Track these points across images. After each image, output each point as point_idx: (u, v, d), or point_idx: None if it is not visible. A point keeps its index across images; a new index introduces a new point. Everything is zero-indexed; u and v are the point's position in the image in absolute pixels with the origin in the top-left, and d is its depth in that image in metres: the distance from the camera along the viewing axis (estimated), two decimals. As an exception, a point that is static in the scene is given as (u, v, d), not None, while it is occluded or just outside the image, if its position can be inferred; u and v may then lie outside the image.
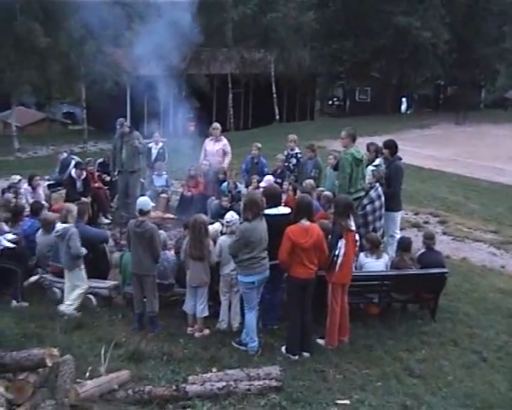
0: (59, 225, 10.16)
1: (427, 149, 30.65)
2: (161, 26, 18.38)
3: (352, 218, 9.23)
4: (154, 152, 16.75)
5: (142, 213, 9.57)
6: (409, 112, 56.10)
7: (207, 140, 16.12)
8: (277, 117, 44.28)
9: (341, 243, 8.99)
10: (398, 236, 12.25)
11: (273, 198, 9.48)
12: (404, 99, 56.20)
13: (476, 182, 24.45)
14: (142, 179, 16.09)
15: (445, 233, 16.23)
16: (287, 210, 9.56)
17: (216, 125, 16.23)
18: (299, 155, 15.58)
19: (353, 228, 9.24)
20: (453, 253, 14.53)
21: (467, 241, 15.99)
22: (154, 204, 12.67)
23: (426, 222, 17.31)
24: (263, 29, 40.73)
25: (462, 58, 47.73)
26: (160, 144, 16.78)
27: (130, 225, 9.76)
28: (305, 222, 8.76)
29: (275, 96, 43.64)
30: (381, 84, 51.86)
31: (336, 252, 8.93)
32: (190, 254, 9.47)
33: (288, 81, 43.77)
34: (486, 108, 57.19)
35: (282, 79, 43.58)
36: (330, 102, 59.30)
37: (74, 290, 10.05)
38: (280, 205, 9.57)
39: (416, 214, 17.98)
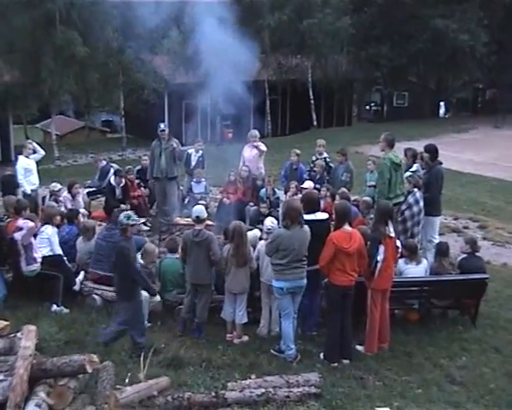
0: None
1: (466, 153, 30.29)
2: (200, 34, 18.46)
3: (390, 224, 9.16)
4: (194, 159, 16.70)
5: (199, 220, 9.70)
6: (447, 116, 55.56)
7: (246, 147, 16.13)
8: (315, 123, 44.10)
9: (381, 249, 8.94)
10: (436, 241, 12.15)
11: (311, 204, 9.46)
12: (442, 103, 55.68)
13: (516, 186, 24.03)
14: (181, 187, 16.13)
15: (484, 238, 15.97)
16: (324, 216, 9.54)
17: (254, 132, 16.22)
18: (327, 160, 15.56)
19: (392, 234, 9.17)
20: (493, 258, 14.30)
21: (507, 246, 15.74)
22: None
23: (465, 227, 17.09)
24: (299, 35, 40.59)
25: (501, 60, 46.97)
26: (200, 152, 16.76)
27: (186, 235, 9.84)
28: (347, 227, 8.73)
29: (312, 101, 43.50)
30: (419, 88, 51.36)
31: (377, 258, 8.87)
32: (233, 262, 9.50)
33: (325, 87, 43.57)
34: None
35: (318, 85, 43.37)
36: (368, 108, 58.90)
37: None
38: (318, 211, 9.54)
39: (455, 219, 17.78)
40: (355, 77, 48.19)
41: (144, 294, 10.08)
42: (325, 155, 15.65)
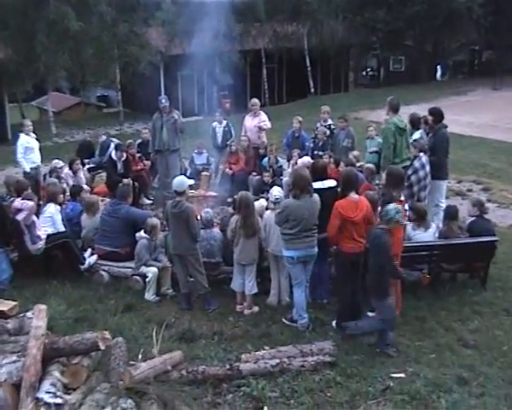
0: None
1: (466, 115, 30.05)
2: (193, 4, 18.27)
3: (401, 189, 9.11)
4: (219, 131, 16.58)
5: (178, 193, 9.55)
6: (443, 79, 55.28)
7: (247, 116, 15.99)
8: (312, 90, 43.90)
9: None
10: (443, 205, 12.07)
11: (319, 171, 9.36)
12: (438, 66, 55.40)
13: (518, 147, 23.92)
14: (183, 159, 15.99)
15: (489, 200, 15.84)
16: (332, 183, 9.44)
17: (254, 100, 16.12)
18: (332, 127, 15.45)
19: (402, 198, 9.11)
20: (499, 220, 14.21)
21: (512, 207, 15.68)
22: (195, 182, 12.62)
23: (469, 190, 17.01)
24: (294, 1, 40.30)
25: (498, 22, 46.61)
26: (224, 122, 16.60)
27: (167, 206, 9.77)
28: (353, 196, 8.62)
29: (309, 69, 43.27)
30: (416, 52, 50.97)
31: None
32: (241, 233, 9.42)
33: (321, 53, 43.37)
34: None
35: (315, 52, 43.19)
36: (364, 73, 58.67)
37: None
38: (326, 178, 9.44)
39: (458, 182, 17.69)
40: (351, 42, 47.94)
41: (154, 269, 10.06)
42: (330, 121, 15.51)
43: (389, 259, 8.10)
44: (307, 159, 13.58)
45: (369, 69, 58.78)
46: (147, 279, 10.08)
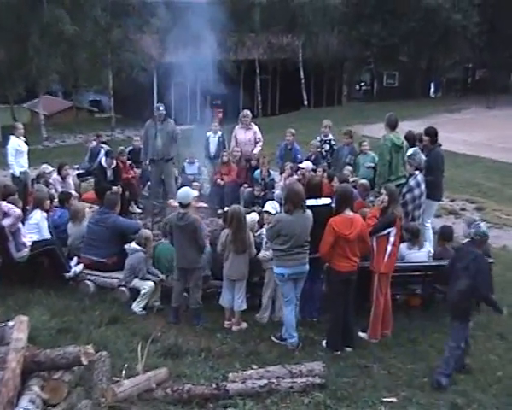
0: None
1: (459, 133, 29.98)
2: (187, 12, 18.07)
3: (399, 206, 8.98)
4: (213, 141, 16.31)
5: (183, 205, 9.32)
6: (436, 96, 55.34)
7: (237, 128, 15.73)
8: (305, 103, 43.85)
9: (393, 232, 8.69)
10: (428, 224, 11.97)
11: (313, 189, 9.18)
12: (432, 83, 55.49)
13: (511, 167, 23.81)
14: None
15: (482, 220, 15.66)
16: (327, 201, 9.26)
17: (246, 112, 15.85)
18: (332, 142, 15.24)
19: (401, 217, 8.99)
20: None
21: (506, 228, 15.52)
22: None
23: (462, 209, 16.87)
24: (290, 13, 40.29)
25: (492, 41, 46.77)
26: (219, 133, 16.36)
27: (172, 218, 9.57)
28: (348, 213, 8.44)
29: (303, 81, 43.23)
30: (409, 68, 51.05)
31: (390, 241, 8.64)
32: (232, 248, 9.19)
33: (315, 66, 43.33)
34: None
35: (309, 64, 43.18)
36: (357, 87, 58.72)
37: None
38: (320, 196, 9.24)
39: (451, 201, 17.53)
40: (346, 56, 47.93)
41: (150, 283, 9.82)
42: (330, 136, 15.32)
43: (488, 283, 7.95)
44: (309, 164, 13.47)
45: (362, 83, 58.85)
46: (142, 292, 9.81)
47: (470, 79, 60.33)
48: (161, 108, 14.30)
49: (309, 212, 8.60)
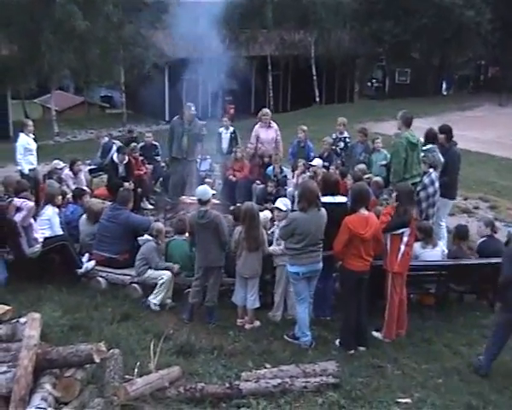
0: None
1: (472, 131, 29.72)
2: (200, 8, 17.99)
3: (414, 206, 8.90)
4: (226, 137, 16.22)
5: (202, 202, 9.26)
6: (449, 93, 55.05)
7: (257, 127, 15.57)
8: (317, 99, 43.70)
9: (407, 232, 8.60)
10: (443, 224, 11.89)
11: (330, 186, 9.08)
12: (443, 80, 55.23)
13: (524, 165, 23.66)
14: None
15: (496, 219, 15.49)
16: (343, 199, 9.17)
17: (266, 111, 15.75)
18: (347, 140, 15.18)
19: (415, 216, 8.89)
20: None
21: (520, 227, 15.35)
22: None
23: (476, 207, 16.68)
24: (302, 9, 40.12)
25: (505, 38, 46.52)
26: (231, 129, 16.27)
27: (192, 217, 9.49)
28: (364, 212, 8.35)
29: (315, 77, 43.09)
30: (422, 65, 50.82)
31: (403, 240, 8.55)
32: (245, 245, 9.11)
33: (327, 62, 43.19)
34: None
35: (321, 61, 43.00)
36: (369, 84, 58.44)
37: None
38: (337, 193, 9.16)
39: (465, 199, 17.32)
40: (357, 53, 47.73)
41: (168, 273, 9.75)
42: (346, 134, 15.26)
43: None
44: (319, 161, 13.41)
45: (374, 80, 58.57)
46: (159, 282, 9.74)
47: (483, 76, 59.95)
48: (193, 108, 14.24)
49: (323, 210, 8.51)
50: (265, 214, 10.40)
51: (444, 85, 55.67)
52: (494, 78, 55.63)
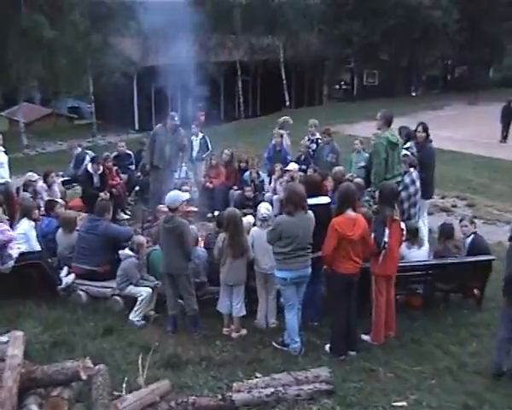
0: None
1: (444, 130, 29.68)
2: (167, 15, 17.86)
3: (395, 206, 8.70)
4: (196, 144, 16.08)
5: (171, 209, 9.05)
6: (416, 94, 55.38)
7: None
8: (287, 103, 43.69)
9: (385, 233, 8.44)
10: (425, 222, 11.98)
11: (313, 187, 8.93)
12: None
13: (498, 162, 23.75)
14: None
15: (475, 217, 15.48)
16: (327, 200, 9.03)
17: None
18: (319, 141, 15.13)
19: (397, 217, 8.70)
20: (487, 237, 13.66)
21: (499, 224, 15.31)
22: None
23: (454, 206, 16.69)
24: (271, 12, 40.17)
25: (472, 37, 46.92)
26: (201, 135, 16.15)
27: (160, 221, 9.27)
28: (350, 213, 8.20)
29: (284, 81, 43.10)
30: (390, 66, 51.04)
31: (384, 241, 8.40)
32: (229, 252, 8.91)
33: (296, 66, 43.38)
34: (496, 87, 56.26)
35: (290, 65, 43.14)
36: (337, 87, 58.63)
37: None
38: (320, 194, 9.01)
39: (442, 198, 17.32)
40: (326, 55, 47.86)
41: (148, 289, 9.52)
42: (317, 135, 15.18)
43: None
44: (295, 166, 13.31)
45: (342, 83, 58.77)
46: (139, 298, 9.49)
47: (449, 76, 60.46)
48: (176, 118, 14.05)
49: (310, 213, 8.36)
50: (248, 220, 10.22)
51: (412, 86, 56.06)
52: (461, 77, 56.14)
